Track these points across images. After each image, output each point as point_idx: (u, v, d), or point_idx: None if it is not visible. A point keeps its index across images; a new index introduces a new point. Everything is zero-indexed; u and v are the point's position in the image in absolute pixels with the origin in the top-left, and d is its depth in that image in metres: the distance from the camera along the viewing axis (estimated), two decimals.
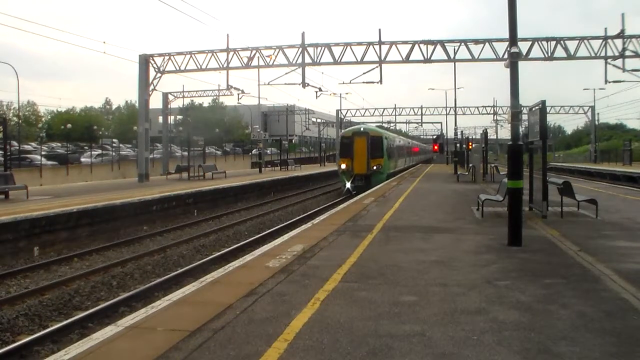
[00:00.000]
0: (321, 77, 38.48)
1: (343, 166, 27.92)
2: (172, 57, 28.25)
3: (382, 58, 26.39)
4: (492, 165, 33.31)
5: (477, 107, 60.11)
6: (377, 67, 26.82)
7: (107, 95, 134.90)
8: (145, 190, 21.39)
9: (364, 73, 27.52)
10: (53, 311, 8.82)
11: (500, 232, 9.71)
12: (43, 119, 75.06)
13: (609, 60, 25.90)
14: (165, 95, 36.24)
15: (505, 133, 75.57)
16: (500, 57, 24.57)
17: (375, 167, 27.74)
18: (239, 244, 14.11)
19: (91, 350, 4.37)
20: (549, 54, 25.51)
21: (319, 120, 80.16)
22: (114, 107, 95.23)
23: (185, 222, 18.47)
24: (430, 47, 26.13)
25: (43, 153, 36.71)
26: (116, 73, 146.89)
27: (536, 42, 25.47)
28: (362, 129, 29.43)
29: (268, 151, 57.03)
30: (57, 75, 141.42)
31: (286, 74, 28.34)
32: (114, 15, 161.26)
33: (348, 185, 26.80)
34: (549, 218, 12.08)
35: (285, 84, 30.13)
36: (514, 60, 9.14)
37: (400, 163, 39.28)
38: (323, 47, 26.70)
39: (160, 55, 28.59)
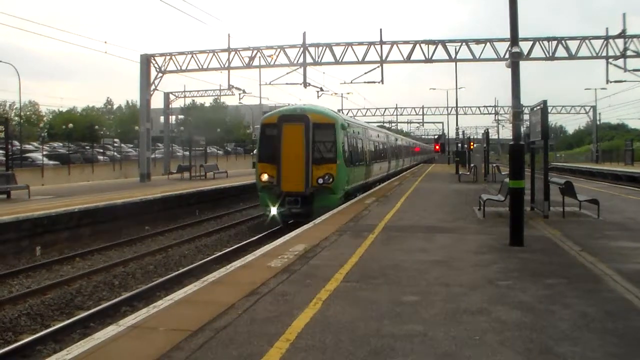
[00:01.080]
0: (322, 77, 38.22)
1: (264, 177, 16.11)
2: (173, 57, 28.28)
3: (384, 58, 26.42)
4: (494, 165, 33.25)
5: (479, 107, 60.31)
6: (378, 67, 26.86)
7: (108, 95, 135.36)
8: (147, 190, 21.40)
9: (365, 73, 27.60)
10: (55, 311, 8.85)
11: (501, 232, 9.71)
12: (44, 118, 75.15)
13: (610, 60, 25.92)
14: (166, 95, 36.26)
15: (506, 133, 75.51)
16: (502, 57, 24.59)
17: (320, 181, 15.83)
18: (240, 244, 14.11)
19: (93, 350, 4.37)
20: (550, 54, 25.53)
21: None
22: (115, 107, 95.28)
23: (187, 222, 18.50)
24: (432, 47, 26.17)
25: (45, 153, 36.79)
26: (117, 73, 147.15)
27: (537, 42, 25.51)
28: (298, 110, 16.85)
29: None
30: (58, 75, 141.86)
31: (287, 73, 28.42)
32: (116, 15, 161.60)
33: (273, 210, 15.64)
34: (551, 218, 12.06)
35: (287, 83, 30.23)
36: (515, 60, 9.14)
37: (379, 169, 25.46)
38: (324, 47, 26.71)
39: (161, 55, 28.62)
